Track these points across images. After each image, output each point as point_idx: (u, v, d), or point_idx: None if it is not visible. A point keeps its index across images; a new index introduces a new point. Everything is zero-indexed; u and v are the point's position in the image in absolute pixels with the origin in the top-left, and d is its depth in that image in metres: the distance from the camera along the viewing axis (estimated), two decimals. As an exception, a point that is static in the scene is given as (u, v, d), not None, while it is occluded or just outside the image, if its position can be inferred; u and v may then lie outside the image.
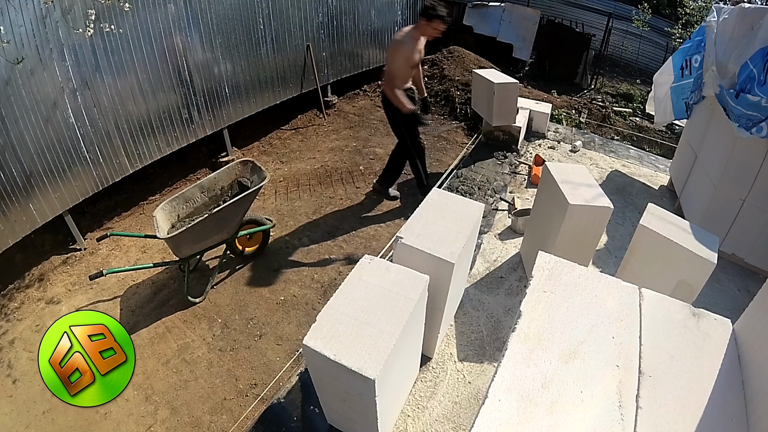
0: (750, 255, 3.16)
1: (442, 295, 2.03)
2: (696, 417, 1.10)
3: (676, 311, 1.36)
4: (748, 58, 2.67)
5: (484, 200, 3.87)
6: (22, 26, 2.76)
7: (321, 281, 3.14)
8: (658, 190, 4.27)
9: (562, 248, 2.36)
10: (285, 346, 2.68)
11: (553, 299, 1.36)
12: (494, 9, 7.95)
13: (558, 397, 1.12)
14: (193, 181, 4.35)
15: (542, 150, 4.79)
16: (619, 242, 3.36)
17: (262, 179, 3.02)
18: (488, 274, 3.03)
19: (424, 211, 2.18)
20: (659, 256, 2.16)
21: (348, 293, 1.72)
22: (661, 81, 4.27)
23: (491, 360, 2.40)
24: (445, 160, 4.72)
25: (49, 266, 3.31)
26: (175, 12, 3.72)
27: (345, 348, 1.51)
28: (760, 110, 2.51)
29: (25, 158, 2.97)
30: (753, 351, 1.22)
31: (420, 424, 2.09)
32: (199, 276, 3.18)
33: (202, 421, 2.31)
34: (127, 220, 3.87)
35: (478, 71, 4.71)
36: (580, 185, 2.44)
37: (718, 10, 3.36)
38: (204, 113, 4.26)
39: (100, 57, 3.27)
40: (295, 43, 5.14)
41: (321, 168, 4.54)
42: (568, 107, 6.18)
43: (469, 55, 6.57)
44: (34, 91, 2.93)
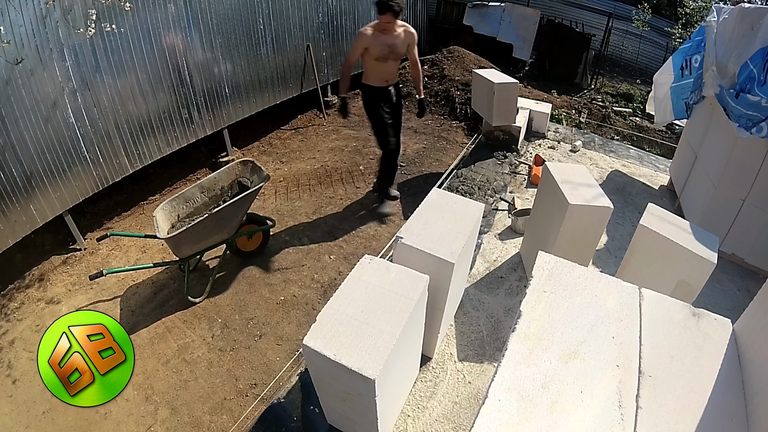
0: (750, 255, 3.16)
1: (442, 295, 2.03)
2: (696, 417, 1.10)
3: (676, 311, 1.36)
4: (748, 58, 2.67)
5: (484, 200, 3.87)
6: (22, 26, 2.76)
7: (321, 281, 3.14)
8: (658, 190, 4.27)
9: (562, 248, 2.36)
10: (285, 346, 2.68)
11: (553, 299, 1.36)
12: (494, 9, 7.95)
13: (558, 397, 1.12)
14: (193, 181, 4.35)
15: (542, 150, 4.79)
16: (619, 242, 3.36)
17: (262, 179, 3.02)
18: (488, 274, 3.03)
19: (424, 211, 2.18)
20: (659, 256, 2.16)
21: (348, 293, 1.72)
22: (661, 81, 4.27)
23: (491, 360, 2.40)
24: (445, 160, 4.72)
25: (49, 266, 3.31)
26: (175, 12, 3.72)
27: (345, 348, 1.51)
28: (760, 110, 2.51)
29: (25, 158, 2.96)
30: (753, 351, 1.22)
31: (420, 424, 2.09)
32: (199, 276, 3.18)
33: (202, 421, 2.31)
34: (127, 220, 3.87)
35: (478, 71, 4.71)
36: (580, 185, 2.44)
37: (718, 10, 3.36)
38: (204, 113, 4.26)
39: (100, 57, 3.27)
40: (295, 43, 5.14)
41: (321, 168, 4.54)
42: (568, 107, 6.18)
43: (469, 55, 6.57)
44: (34, 91, 2.93)
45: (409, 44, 3.38)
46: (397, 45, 3.29)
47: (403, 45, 3.33)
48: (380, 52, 3.23)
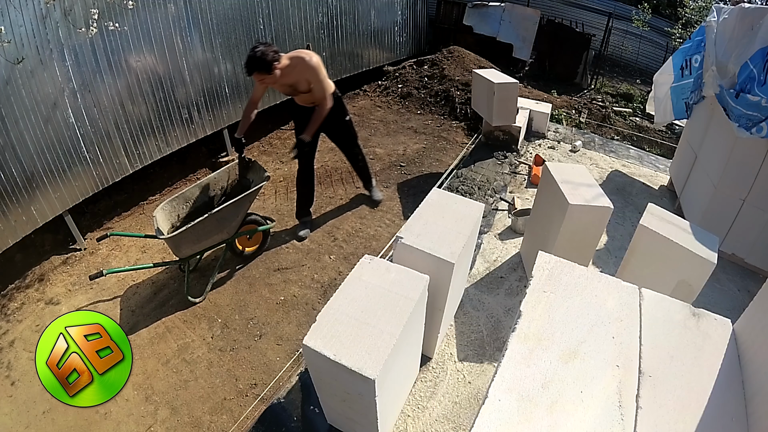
0: (750, 255, 3.16)
1: (442, 295, 2.03)
2: (696, 417, 1.10)
3: (676, 311, 1.36)
4: (748, 58, 2.67)
5: (484, 200, 3.87)
6: (22, 26, 2.77)
7: (321, 281, 3.14)
8: (658, 190, 4.27)
9: (562, 248, 2.36)
10: (285, 346, 2.68)
11: (553, 299, 1.36)
12: (494, 9, 7.95)
13: (558, 397, 1.12)
14: (193, 181, 4.35)
15: (542, 150, 4.79)
16: (619, 242, 3.35)
17: (262, 179, 3.02)
18: (488, 274, 3.03)
19: (424, 211, 2.18)
20: (659, 256, 2.16)
21: (348, 293, 1.72)
22: (661, 81, 4.27)
23: (491, 360, 2.40)
24: (445, 160, 4.72)
25: (49, 266, 3.31)
26: (175, 12, 3.72)
27: (345, 348, 1.51)
28: (760, 110, 2.51)
29: (26, 158, 2.97)
30: (753, 351, 1.22)
31: (420, 424, 2.09)
32: (199, 276, 3.18)
33: (202, 421, 2.31)
34: (127, 220, 3.87)
35: (478, 71, 4.71)
36: (580, 185, 2.44)
37: (718, 10, 3.36)
38: (204, 113, 4.26)
39: (100, 57, 3.27)
40: (295, 43, 5.14)
41: (321, 168, 4.54)
42: (568, 107, 6.17)
43: (469, 55, 6.57)
44: (35, 91, 2.93)
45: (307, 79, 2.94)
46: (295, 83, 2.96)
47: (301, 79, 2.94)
48: (283, 91, 3.06)
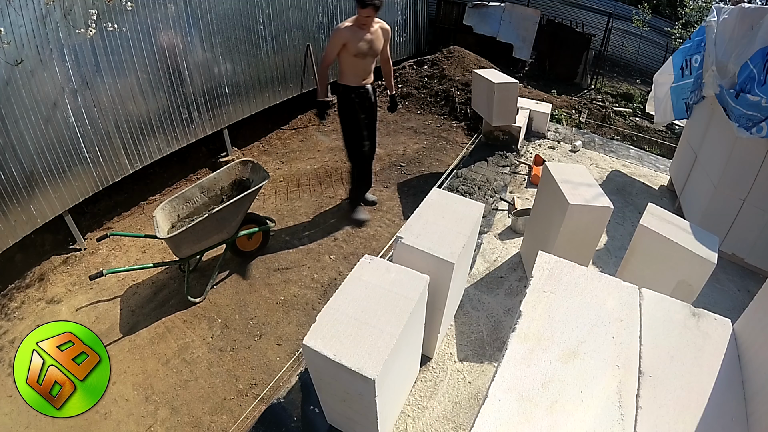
0: (750, 255, 3.16)
1: (442, 295, 2.03)
2: (696, 417, 1.10)
3: (676, 311, 1.36)
4: (748, 58, 2.67)
5: (484, 200, 3.87)
6: (22, 26, 2.76)
7: (321, 281, 3.14)
8: (658, 190, 4.27)
9: (562, 248, 2.36)
10: (285, 346, 2.68)
11: (553, 299, 1.36)
12: (494, 9, 7.95)
13: (558, 397, 1.12)
14: (193, 181, 4.35)
15: (542, 150, 4.79)
16: (619, 242, 3.36)
17: (262, 179, 3.02)
18: (488, 274, 3.03)
19: (424, 211, 2.18)
20: (659, 256, 2.16)
21: (348, 293, 1.72)
22: (661, 81, 4.27)
23: (491, 360, 2.40)
24: (445, 160, 4.72)
25: (49, 266, 3.31)
26: (175, 12, 3.72)
27: (345, 348, 1.51)
28: (760, 110, 2.51)
29: (25, 158, 2.96)
30: (753, 351, 1.22)
31: (420, 424, 2.09)
32: (199, 276, 3.18)
33: (202, 421, 2.31)
34: (127, 220, 3.86)
35: (478, 71, 4.71)
36: (580, 185, 2.44)
37: (718, 10, 3.36)
38: (204, 113, 4.26)
39: (100, 57, 3.26)
40: (295, 43, 5.14)
41: (321, 168, 4.54)
42: (568, 107, 6.17)
43: (469, 55, 6.57)
44: (34, 92, 2.93)
45: (384, 40, 3.32)
46: (375, 41, 3.20)
47: (380, 41, 3.26)
48: (359, 48, 3.13)
